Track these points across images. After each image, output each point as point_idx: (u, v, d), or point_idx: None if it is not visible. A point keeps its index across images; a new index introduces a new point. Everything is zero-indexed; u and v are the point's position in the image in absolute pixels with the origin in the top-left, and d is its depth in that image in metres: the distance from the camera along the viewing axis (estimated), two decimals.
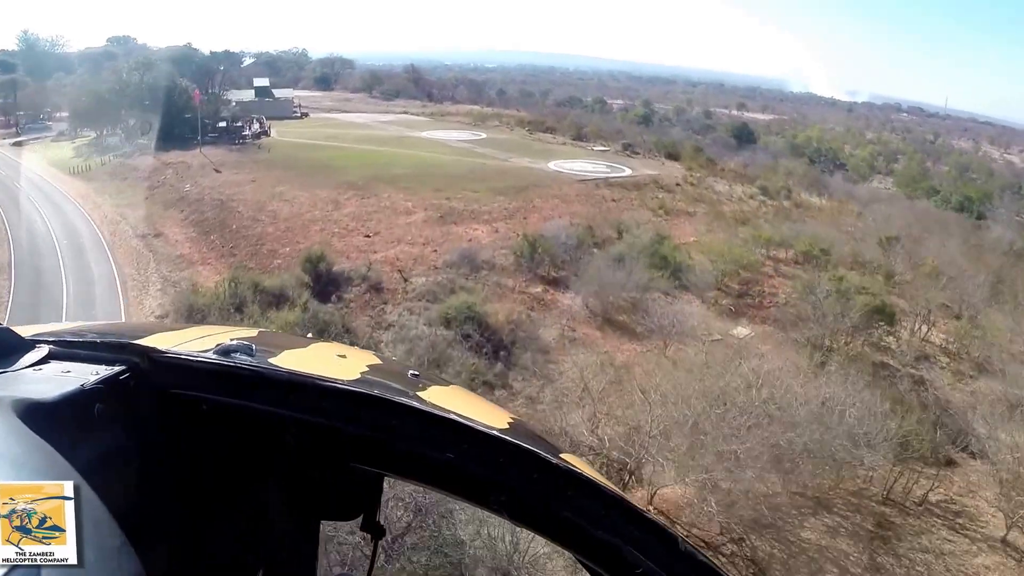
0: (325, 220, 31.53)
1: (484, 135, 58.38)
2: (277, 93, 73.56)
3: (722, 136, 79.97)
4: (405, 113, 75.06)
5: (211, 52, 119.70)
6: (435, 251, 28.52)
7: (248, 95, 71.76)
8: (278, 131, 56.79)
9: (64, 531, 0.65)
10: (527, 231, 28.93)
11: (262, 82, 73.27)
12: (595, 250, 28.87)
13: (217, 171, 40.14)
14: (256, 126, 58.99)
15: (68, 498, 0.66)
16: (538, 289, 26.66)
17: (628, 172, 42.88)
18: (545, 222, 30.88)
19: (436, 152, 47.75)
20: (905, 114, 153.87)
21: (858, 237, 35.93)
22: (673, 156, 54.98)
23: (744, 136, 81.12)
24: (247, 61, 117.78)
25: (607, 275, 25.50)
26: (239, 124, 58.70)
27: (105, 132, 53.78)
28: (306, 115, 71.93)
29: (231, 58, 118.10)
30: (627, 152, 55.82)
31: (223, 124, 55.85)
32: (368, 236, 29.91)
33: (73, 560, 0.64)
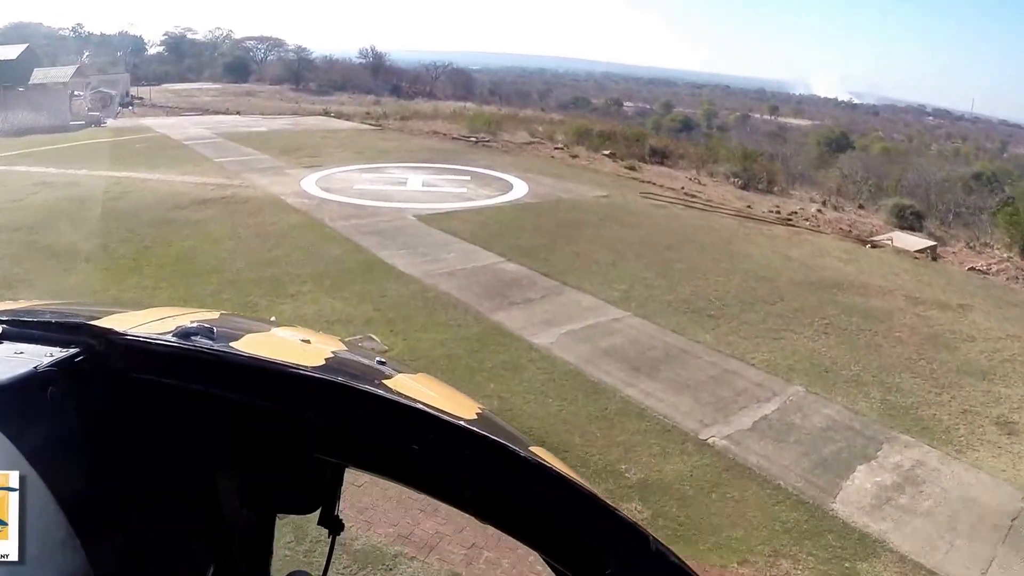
0: None
1: (525, 188, 16.39)
2: (45, 74, 33.30)
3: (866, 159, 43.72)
4: (326, 114, 34.72)
5: (101, 33, 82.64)
6: None
7: None
8: None
9: (7, 525, 0.61)
10: None
11: (4, 54, 32.67)
12: None
13: None
14: None
15: (13, 489, 0.62)
16: None
17: None
18: None
19: None
20: (931, 117, 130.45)
21: None
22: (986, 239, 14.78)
23: (843, 150, 48.59)
24: (153, 49, 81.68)
25: None
26: None
27: None
28: (101, 123, 31.91)
29: (133, 42, 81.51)
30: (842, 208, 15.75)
31: None
32: None
33: (14, 556, 0.60)
